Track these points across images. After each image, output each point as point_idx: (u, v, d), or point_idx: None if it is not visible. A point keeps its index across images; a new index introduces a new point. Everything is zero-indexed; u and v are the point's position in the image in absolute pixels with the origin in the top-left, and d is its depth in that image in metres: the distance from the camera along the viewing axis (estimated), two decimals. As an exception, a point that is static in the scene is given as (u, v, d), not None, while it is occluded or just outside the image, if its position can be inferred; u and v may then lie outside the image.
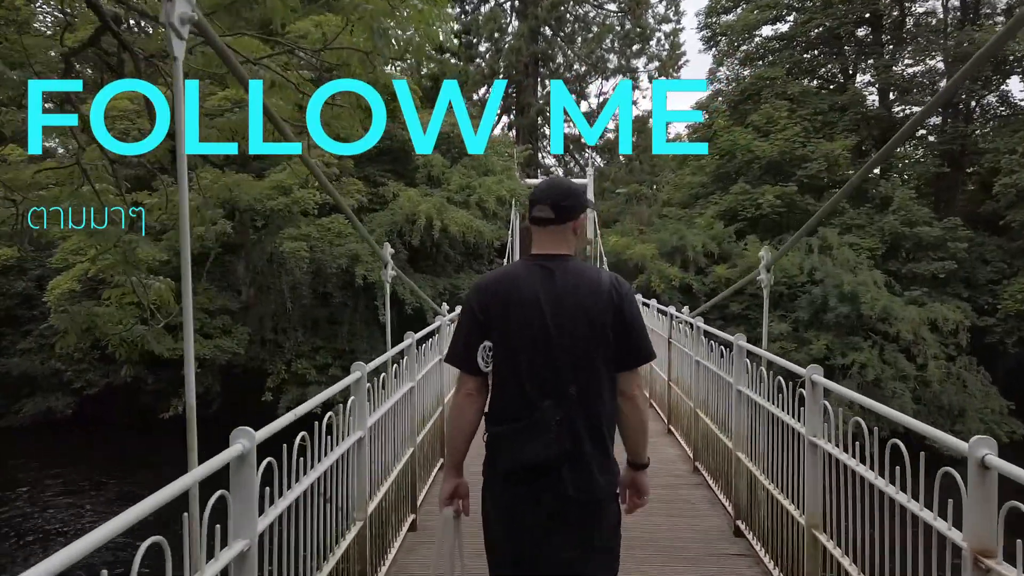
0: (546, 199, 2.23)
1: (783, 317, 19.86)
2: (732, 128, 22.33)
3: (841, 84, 24.46)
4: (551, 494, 2.09)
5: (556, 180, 2.33)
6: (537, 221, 2.23)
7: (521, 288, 2.15)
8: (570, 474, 2.08)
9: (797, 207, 21.11)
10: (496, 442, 2.19)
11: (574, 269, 2.18)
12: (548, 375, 2.10)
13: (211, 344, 18.22)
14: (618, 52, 34.63)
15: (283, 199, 16.30)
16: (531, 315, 2.12)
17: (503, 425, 2.15)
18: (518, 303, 2.14)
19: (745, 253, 20.45)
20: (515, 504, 2.14)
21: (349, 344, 20.47)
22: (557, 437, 2.06)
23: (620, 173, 34.56)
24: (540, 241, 2.25)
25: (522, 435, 2.08)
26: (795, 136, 21.08)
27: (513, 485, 2.14)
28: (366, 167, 22.62)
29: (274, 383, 19.68)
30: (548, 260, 2.19)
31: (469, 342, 2.20)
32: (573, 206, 2.24)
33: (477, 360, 2.17)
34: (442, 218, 19.58)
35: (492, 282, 2.24)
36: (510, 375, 2.14)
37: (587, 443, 2.10)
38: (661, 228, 21.92)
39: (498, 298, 2.17)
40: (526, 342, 2.12)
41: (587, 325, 2.12)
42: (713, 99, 24.84)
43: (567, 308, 2.12)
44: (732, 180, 22.47)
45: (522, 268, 2.22)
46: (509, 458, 2.12)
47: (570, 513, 2.10)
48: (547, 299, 2.12)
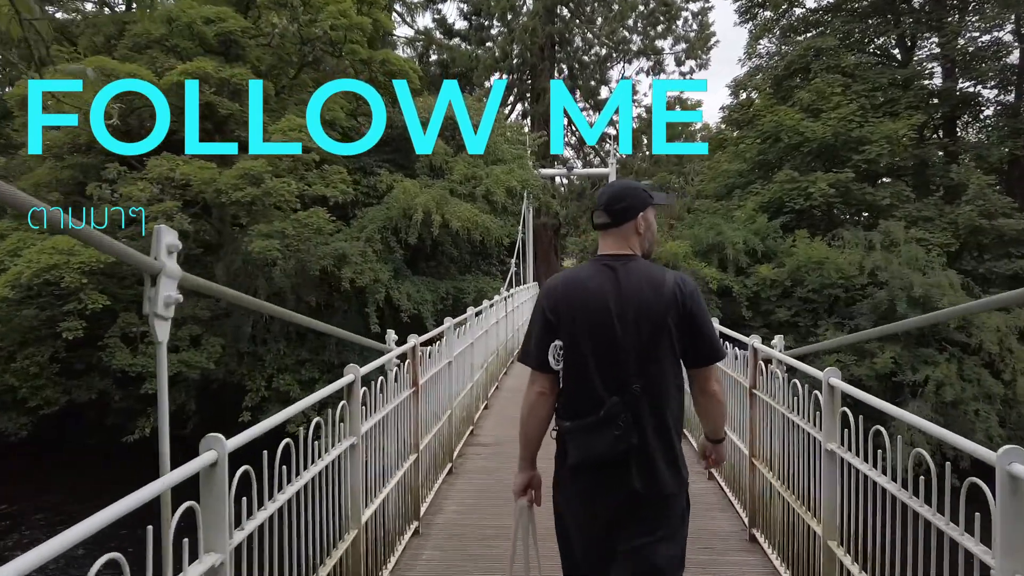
0: (600, 204, 2.35)
1: (839, 325, 17.03)
2: (776, 108, 19.47)
3: (899, 58, 21.37)
4: (619, 487, 2.16)
5: (613, 183, 2.46)
6: (596, 227, 2.36)
7: (588, 288, 2.22)
8: (636, 468, 2.14)
9: (853, 197, 18.27)
10: (566, 437, 2.23)
11: (637, 269, 2.25)
12: (614, 372, 2.16)
13: (175, 359, 15.81)
14: (641, 33, 31.90)
15: (252, 190, 13.83)
16: (598, 314, 2.18)
17: (572, 421, 2.20)
18: (585, 303, 2.20)
19: (793, 251, 17.64)
20: (584, 496, 2.21)
21: (339, 357, 18.00)
22: (624, 432, 2.12)
23: (645, 164, 31.81)
24: (604, 244, 2.34)
25: (590, 430, 2.15)
26: (851, 115, 18.19)
27: (582, 478, 2.20)
28: (363, 158, 20.16)
29: (253, 401, 17.32)
30: (612, 260, 2.27)
31: (540, 342, 2.25)
32: (628, 207, 2.32)
33: (548, 359, 2.21)
34: (442, 212, 17.02)
35: (560, 283, 2.29)
36: (579, 373, 2.19)
37: (652, 438, 2.16)
38: (694, 223, 19.19)
39: (566, 299, 2.23)
40: (593, 340, 2.18)
41: (650, 323, 2.17)
42: (752, 75, 21.96)
43: (631, 306, 2.18)
44: (776, 167, 19.65)
45: (589, 269, 2.30)
46: (578, 453, 2.18)
47: (637, 506, 2.17)
48: (612, 298, 2.19)
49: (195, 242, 18.86)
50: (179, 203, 13.90)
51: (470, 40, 32.04)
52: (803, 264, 17.21)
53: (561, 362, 2.21)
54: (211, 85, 14.73)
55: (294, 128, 14.58)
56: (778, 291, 17.56)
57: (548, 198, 22.83)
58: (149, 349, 15.74)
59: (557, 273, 2.50)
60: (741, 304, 17.51)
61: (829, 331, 16.87)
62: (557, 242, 32.30)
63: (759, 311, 17.80)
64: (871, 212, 18.72)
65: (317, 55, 17.13)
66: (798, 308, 17.54)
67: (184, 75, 14.33)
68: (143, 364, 15.40)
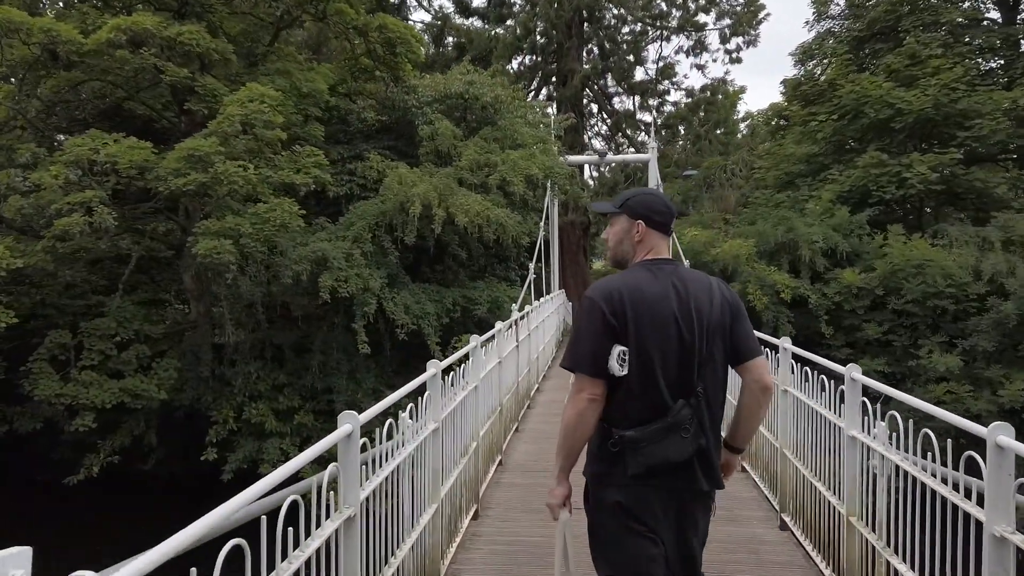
0: (675, 211, 2.39)
1: (949, 345, 13.44)
2: (856, 77, 15.87)
3: (1009, 12, 17.45)
4: (687, 489, 2.19)
5: (659, 193, 2.49)
6: (664, 228, 2.34)
7: (650, 292, 2.20)
8: (701, 469, 2.18)
9: (960, 184, 14.62)
10: (627, 446, 2.17)
11: (686, 273, 2.30)
12: (680, 376, 2.17)
13: (116, 387, 12.79)
14: (681, 6, 28.33)
15: (197, 176, 10.73)
16: (663, 319, 2.17)
17: (634, 429, 2.15)
18: (650, 308, 2.17)
19: (885, 251, 14.08)
20: (648, 503, 2.18)
21: (322, 381, 14.90)
22: (693, 435, 2.14)
23: (684, 154, 28.27)
24: (659, 247, 2.33)
25: (659, 436, 2.13)
26: (956, 81, 14.53)
27: (648, 485, 2.17)
28: (359, 144, 17.02)
29: (219, 435, 14.30)
30: (666, 264, 2.29)
31: (599, 347, 2.18)
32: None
33: (610, 364, 2.15)
34: (446, 205, 13.78)
35: (619, 287, 2.23)
36: (644, 378, 2.16)
37: (711, 438, 2.21)
38: (757, 217, 15.69)
39: (631, 304, 2.18)
40: (661, 345, 2.16)
41: (709, 326, 2.20)
42: (823, 40, 18.30)
43: (691, 310, 2.18)
44: (855, 150, 16.06)
45: (645, 272, 2.27)
46: (645, 460, 2.14)
47: (696, 506, 2.23)
48: (675, 303, 2.19)
49: (163, 243, 16.00)
50: (104, 193, 10.84)
51: (489, 18, 28.82)
52: (899, 268, 13.64)
53: (626, 368, 2.15)
54: (151, 46, 11.67)
55: (255, 98, 11.44)
56: (866, 302, 14.02)
57: (576, 189, 19.47)
58: (84, 375, 12.78)
59: (606, 277, 2.34)
60: (819, 318, 13.99)
61: (934, 352, 13.29)
62: (586, 242, 28.87)
63: (841, 326, 14.26)
64: (980, 203, 15.07)
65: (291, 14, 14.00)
66: (892, 323, 13.96)
67: (116, 32, 11.29)
68: (75, 394, 12.40)
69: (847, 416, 3.57)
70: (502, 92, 17.88)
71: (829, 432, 3.87)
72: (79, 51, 11.44)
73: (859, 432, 3.48)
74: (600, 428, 2.20)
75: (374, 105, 17.16)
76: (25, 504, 14.91)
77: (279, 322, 15.26)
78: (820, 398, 4.04)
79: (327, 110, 15.95)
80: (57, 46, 11.23)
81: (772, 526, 4.62)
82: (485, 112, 17.93)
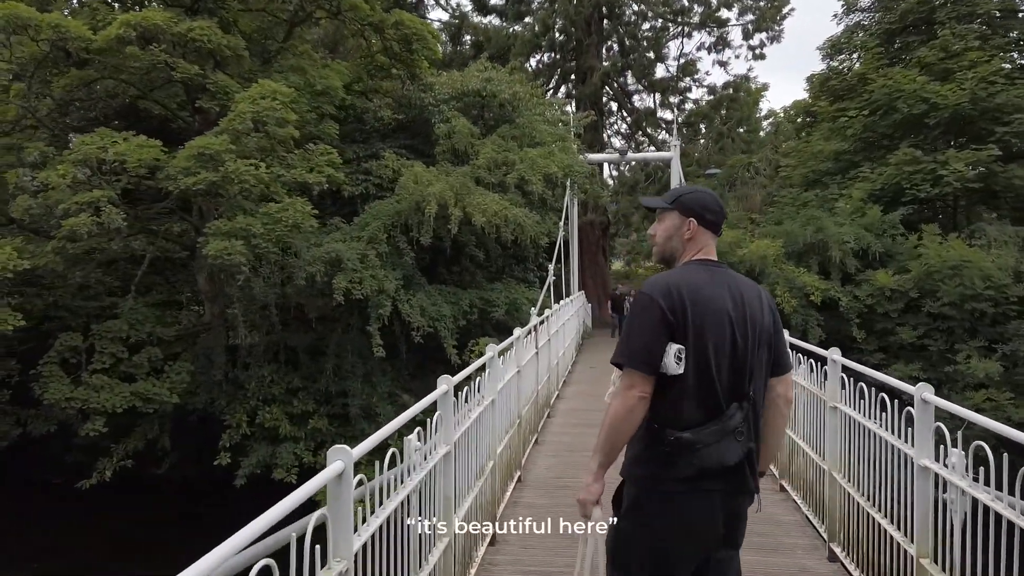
0: (718, 205, 2.29)
1: (987, 350, 12.85)
2: (888, 71, 15.27)
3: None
4: (740, 491, 2.15)
5: (709, 192, 2.39)
6: (715, 228, 2.26)
7: (708, 292, 2.13)
8: (750, 471, 2.14)
9: (998, 181, 14.00)
10: (683, 448, 2.09)
11: (739, 278, 2.24)
12: (736, 379, 2.13)
13: (127, 390, 12.57)
14: (703, 1, 27.75)
15: (207, 174, 10.45)
16: (721, 319, 2.12)
17: (689, 430, 2.08)
18: (709, 307, 2.11)
19: (920, 252, 13.50)
20: (702, 507, 2.11)
21: (337, 384, 14.60)
22: (745, 438, 2.11)
23: (706, 152, 27.69)
24: (709, 247, 2.26)
25: (716, 438, 2.08)
26: (993, 75, 13.91)
27: (701, 489, 2.10)
28: (374, 143, 16.71)
29: (232, 439, 14.05)
30: (718, 266, 2.24)
31: (654, 344, 2.09)
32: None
33: (665, 362, 2.07)
34: (463, 204, 13.42)
35: (676, 283, 2.14)
36: (701, 378, 2.10)
37: (757, 441, 2.19)
38: (784, 217, 15.15)
39: (692, 301, 2.11)
40: (718, 346, 2.10)
41: (759, 334, 2.17)
42: (852, 33, 17.70)
43: (745, 316, 2.15)
44: (887, 147, 15.46)
45: (703, 272, 2.20)
46: (700, 462, 2.07)
47: (743, 508, 2.20)
48: (731, 304, 2.14)
49: (178, 244, 15.81)
50: (114, 192, 10.61)
51: (507, 15, 28.42)
52: (935, 269, 13.06)
53: (682, 366, 2.07)
54: (162, 43, 11.43)
55: (267, 95, 11.16)
56: (900, 304, 13.45)
57: (596, 188, 19.01)
58: (95, 379, 12.58)
59: (661, 273, 2.24)
60: (850, 321, 13.45)
61: (973, 358, 12.70)
62: (606, 242, 28.39)
63: (873, 330, 13.71)
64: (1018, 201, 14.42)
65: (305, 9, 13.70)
66: (927, 327, 13.39)
67: (126, 28, 11.06)
68: (85, 398, 12.18)
69: (917, 443, 3.20)
70: (520, 89, 17.49)
71: (891, 457, 3.48)
72: (89, 48, 11.23)
73: (931, 462, 3.11)
74: (648, 428, 2.12)
75: (390, 103, 16.84)
76: (37, 506, 14.77)
77: (293, 324, 15.00)
78: (879, 418, 3.64)
79: (342, 108, 15.70)
80: (67, 43, 11.03)
81: (820, 557, 4.16)
82: (503, 110, 17.57)
